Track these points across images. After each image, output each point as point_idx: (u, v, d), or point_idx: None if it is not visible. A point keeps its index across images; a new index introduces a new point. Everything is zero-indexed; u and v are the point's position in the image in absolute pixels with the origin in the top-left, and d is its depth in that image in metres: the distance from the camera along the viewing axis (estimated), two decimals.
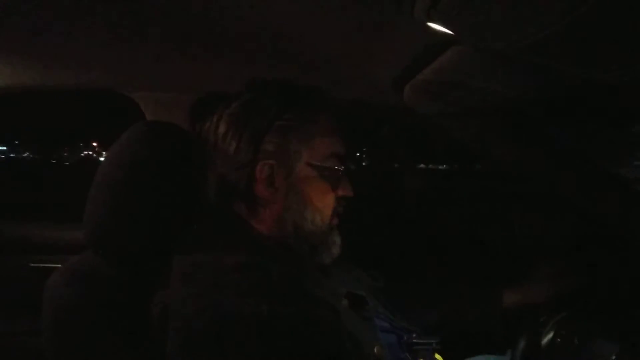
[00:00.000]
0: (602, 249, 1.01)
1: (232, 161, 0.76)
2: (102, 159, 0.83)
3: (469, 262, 1.53)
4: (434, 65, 0.80)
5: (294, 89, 0.80)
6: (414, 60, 0.83)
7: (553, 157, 1.03)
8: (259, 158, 0.76)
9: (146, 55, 1.06)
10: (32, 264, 1.37)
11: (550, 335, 0.91)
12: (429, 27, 0.61)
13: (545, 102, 0.91)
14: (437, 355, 0.91)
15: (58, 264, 0.85)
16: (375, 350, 0.76)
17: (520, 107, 0.98)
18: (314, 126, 0.79)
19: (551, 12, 0.45)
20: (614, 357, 0.83)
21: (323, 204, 0.79)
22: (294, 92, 0.80)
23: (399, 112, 1.16)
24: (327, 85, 0.86)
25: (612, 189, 0.99)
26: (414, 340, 0.89)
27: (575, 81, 0.73)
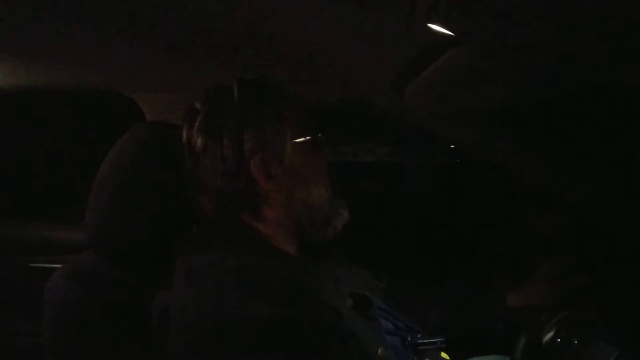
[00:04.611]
0: (604, 249, 1.01)
1: (222, 171, 0.75)
2: (102, 159, 0.83)
3: (471, 261, 1.53)
4: (434, 65, 0.80)
5: (247, 83, 0.80)
6: (414, 60, 0.83)
7: (553, 157, 1.03)
8: (247, 157, 0.75)
9: (147, 55, 1.07)
10: (32, 264, 1.38)
11: (551, 334, 0.91)
12: (429, 28, 0.61)
13: (545, 102, 0.91)
14: (443, 354, 0.90)
15: (58, 264, 0.85)
16: (379, 352, 0.75)
17: (520, 107, 0.98)
18: (283, 108, 0.80)
19: (551, 13, 0.45)
20: (613, 358, 0.82)
21: (320, 175, 0.82)
22: (249, 85, 0.80)
23: (399, 112, 1.16)
24: (328, 85, 0.86)
25: (613, 188, 0.99)
26: (419, 341, 0.89)
27: (575, 81, 0.73)
